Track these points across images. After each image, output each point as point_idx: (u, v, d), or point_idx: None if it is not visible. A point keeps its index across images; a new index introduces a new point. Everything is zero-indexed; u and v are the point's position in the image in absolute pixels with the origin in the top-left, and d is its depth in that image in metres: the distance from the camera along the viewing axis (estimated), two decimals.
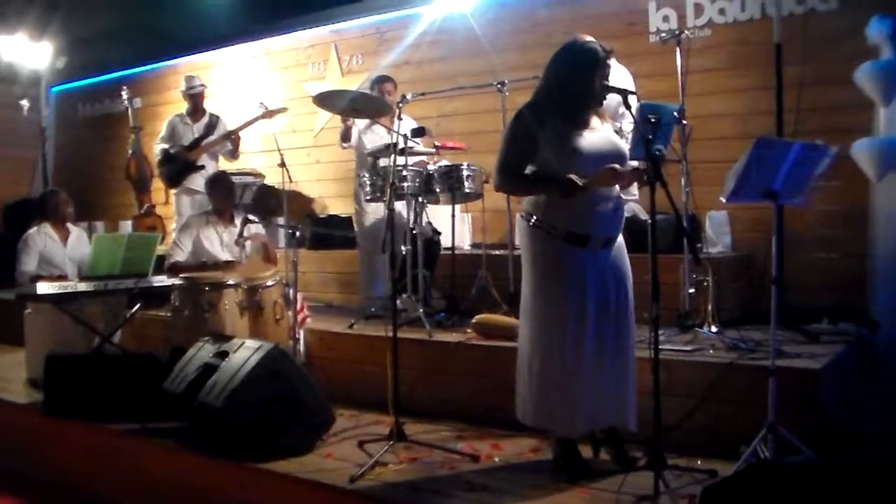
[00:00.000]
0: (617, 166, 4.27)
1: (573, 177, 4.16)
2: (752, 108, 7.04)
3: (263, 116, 8.24)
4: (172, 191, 9.14)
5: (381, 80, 7.72)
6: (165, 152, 8.82)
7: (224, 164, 9.08)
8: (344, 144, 7.79)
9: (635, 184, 5.27)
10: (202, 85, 9.11)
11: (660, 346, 4.18)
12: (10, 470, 6.15)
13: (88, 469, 5.75)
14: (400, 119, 5.97)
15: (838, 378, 5.13)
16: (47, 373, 6.10)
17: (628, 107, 4.30)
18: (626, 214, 4.65)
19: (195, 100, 9.03)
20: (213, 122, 8.90)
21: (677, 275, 5.93)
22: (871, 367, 5.80)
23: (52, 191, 8.56)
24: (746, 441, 4.37)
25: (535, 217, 4.45)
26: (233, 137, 8.73)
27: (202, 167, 8.68)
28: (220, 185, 7.42)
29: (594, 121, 4.46)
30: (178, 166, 8.73)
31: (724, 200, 4.53)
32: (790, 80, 6.53)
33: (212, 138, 8.79)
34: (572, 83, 4.41)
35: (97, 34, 12.56)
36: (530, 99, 4.57)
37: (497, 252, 7.34)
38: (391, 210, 5.48)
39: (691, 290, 5.89)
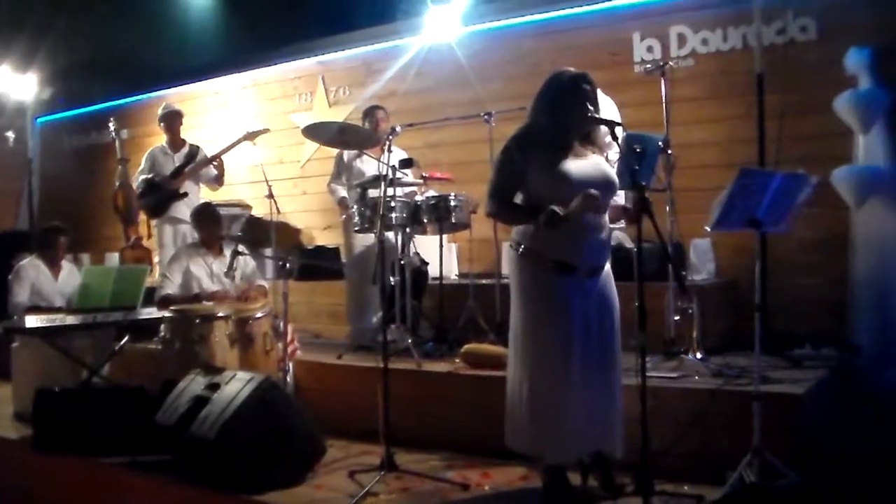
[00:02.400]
0: (594, 191, 4.31)
1: (555, 208, 4.21)
2: (734, 136, 7.12)
3: (245, 139, 8.26)
4: (153, 222, 9.09)
5: (373, 109, 7.80)
6: (148, 182, 8.73)
7: (207, 194, 9.08)
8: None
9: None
10: (175, 110, 9.10)
11: (646, 374, 4.23)
12: None
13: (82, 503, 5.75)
14: (390, 151, 6.02)
15: (821, 402, 5.19)
16: (36, 407, 6.06)
17: (615, 138, 4.35)
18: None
19: (170, 123, 8.97)
20: (194, 152, 8.84)
21: (662, 302, 5.97)
22: (852, 391, 5.85)
23: (54, 227, 8.44)
24: (732, 466, 4.43)
25: (523, 246, 4.50)
26: (216, 163, 8.71)
27: (185, 195, 8.62)
28: (207, 216, 7.40)
29: (584, 149, 4.51)
30: (161, 196, 8.66)
31: (709, 230, 4.60)
32: (772, 109, 6.65)
33: (193, 165, 8.74)
34: (559, 112, 4.47)
35: (83, 65, 12.61)
36: (519, 128, 4.63)
37: (484, 281, 7.37)
38: (381, 241, 5.52)
39: (676, 318, 5.95)
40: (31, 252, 8.33)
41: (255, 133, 8.28)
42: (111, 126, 11.04)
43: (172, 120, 8.98)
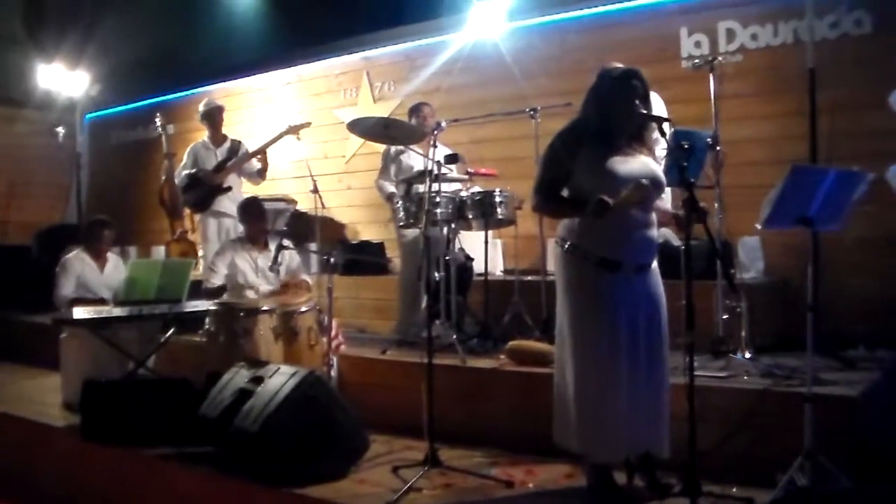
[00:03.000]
0: (645, 181, 4.27)
1: (604, 196, 4.17)
2: (784, 133, 7.01)
3: (288, 132, 8.29)
4: (197, 216, 9.14)
5: (419, 106, 7.79)
6: (191, 176, 8.78)
7: (251, 189, 9.13)
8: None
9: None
10: (217, 105, 9.13)
11: (694, 373, 4.17)
12: (49, 492, 6.22)
13: (125, 493, 5.79)
14: (435, 146, 6.00)
15: (875, 405, 5.08)
16: (84, 397, 6.12)
17: (663, 134, 4.30)
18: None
19: (213, 118, 9.01)
20: (236, 147, 8.89)
21: (710, 301, 5.90)
22: None
23: (99, 220, 8.54)
24: (782, 468, 4.35)
25: (569, 242, 4.46)
26: (259, 157, 8.73)
27: (229, 188, 8.67)
28: (253, 210, 7.46)
29: (632, 148, 4.46)
30: (204, 190, 8.71)
31: (759, 228, 4.53)
32: (823, 106, 6.53)
33: (236, 159, 8.78)
34: (607, 109, 4.43)
35: (131, 62, 12.72)
36: (568, 123, 4.59)
37: (529, 278, 7.34)
38: (427, 237, 5.49)
39: (725, 316, 5.88)
40: (79, 245, 8.40)
41: (298, 127, 8.30)
42: (158, 121, 11.11)
43: (214, 115, 9.02)
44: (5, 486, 6.46)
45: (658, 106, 6.33)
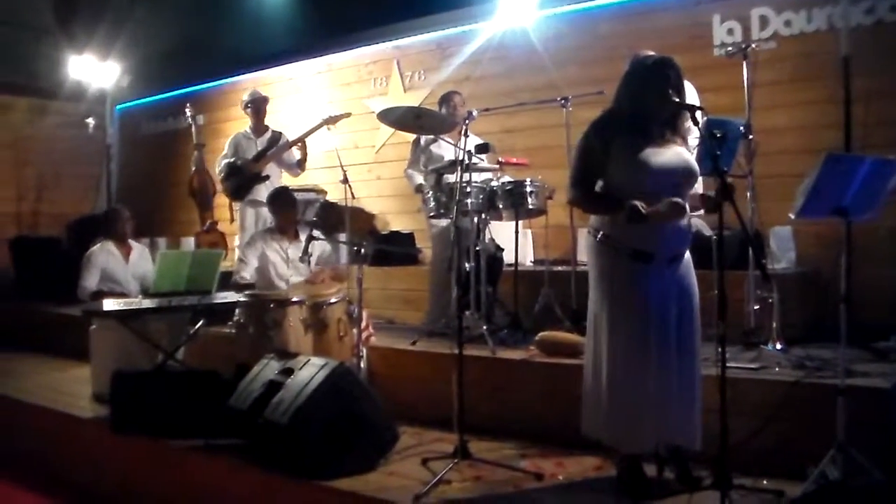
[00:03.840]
0: (680, 200, 4.24)
1: (638, 204, 4.13)
2: (818, 121, 6.95)
3: (326, 122, 8.31)
4: (237, 205, 9.16)
5: (450, 95, 7.77)
6: (231, 165, 8.81)
7: (287, 180, 9.13)
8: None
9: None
10: (263, 96, 9.12)
11: (725, 364, 4.13)
12: (79, 483, 6.27)
13: (154, 484, 5.83)
14: (466, 136, 5.97)
15: None
16: (114, 389, 6.13)
17: (696, 122, 4.26)
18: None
19: (257, 110, 9.03)
20: (276, 137, 8.93)
21: (741, 291, 5.86)
22: None
23: (114, 209, 8.66)
24: (813, 461, 4.31)
25: (601, 233, 4.43)
26: (298, 146, 8.74)
27: (267, 177, 8.69)
28: (283, 200, 7.47)
29: (665, 137, 4.41)
30: (243, 178, 8.74)
31: (793, 217, 4.47)
32: (858, 93, 6.48)
33: (276, 149, 8.80)
34: (640, 98, 4.39)
35: (161, 53, 12.80)
36: (601, 113, 4.55)
37: (560, 268, 7.30)
38: (457, 227, 5.46)
39: (756, 307, 5.83)
40: (104, 237, 8.47)
41: (336, 118, 8.34)
42: (187, 112, 11.17)
43: (259, 105, 9.05)
44: (35, 477, 6.53)
45: (691, 94, 6.27)
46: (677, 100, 4.37)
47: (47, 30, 13.25)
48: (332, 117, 8.31)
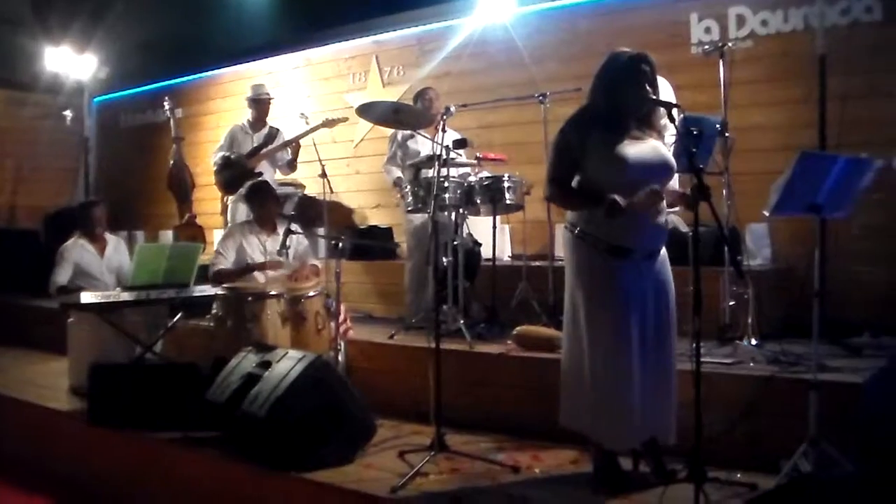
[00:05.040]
0: (657, 187, 4.28)
1: (617, 198, 4.16)
2: (794, 120, 7.00)
3: (325, 125, 8.28)
4: (230, 199, 9.11)
5: (424, 91, 7.82)
6: (225, 158, 8.74)
7: (280, 177, 9.15)
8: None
9: None
10: (269, 95, 9.09)
11: (700, 359, 4.17)
12: (57, 476, 6.26)
13: (132, 477, 5.83)
14: (444, 131, 5.99)
15: (880, 392, 5.08)
16: (91, 382, 6.13)
17: (672, 120, 4.29)
18: None
19: (260, 108, 8.93)
20: (273, 134, 8.83)
21: (717, 287, 5.90)
22: None
23: (87, 202, 8.63)
24: (786, 455, 4.36)
25: (578, 228, 4.45)
26: (291, 147, 8.71)
27: (259, 174, 8.65)
28: (261, 193, 7.47)
29: (641, 132, 4.45)
30: (235, 172, 8.67)
31: (767, 214, 4.52)
32: (833, 92, 6.53)
33: (271, 147, 8.75)
34: (616, 94, 4.41)
35: (139, 45, 12.74)
36: (577, 109, 4.58)
37: (537, 263, 7.34)
38: (435, 222, 5.49)
39: (731, 303, 5.88)
40: (77, 231, 8.43)
41: (335, 121, 8.33)
42: (166, 105, 11.14)
43: (263, 105, 8.93)
44: (14, 470, 6.51)
45: (667, 91, 6.33)
46: (654, 96, 4.41)
47: (23, 22, 13.17)
48: (329, 120, 8.29)
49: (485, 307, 7.12)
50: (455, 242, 6.72)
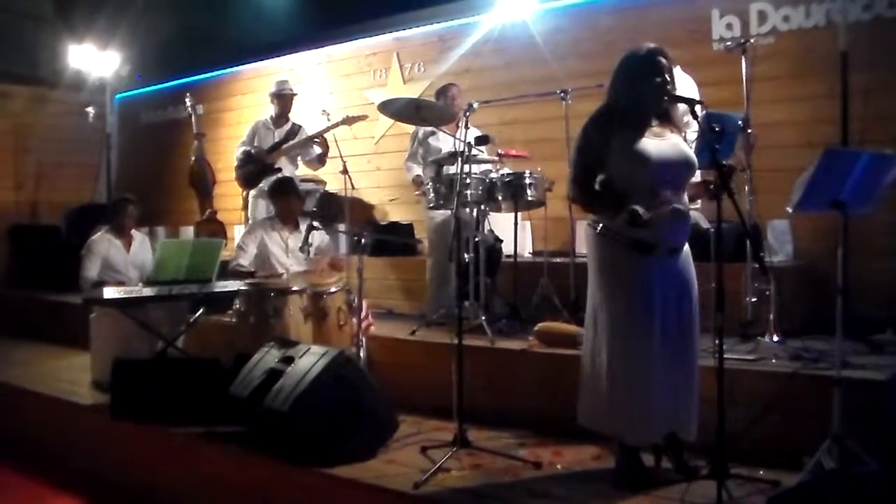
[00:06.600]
0: (681, 208, 4.30)
1: (638, 208, 4.16)
2: (816, 116, 6.97)
3: (344, 122, 8.28)
4: (251, 194, 9.13)
5: (446, 87, 7.81)
6: (247, 153, 8.78)
7: (302, 171, 9.17)
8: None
9: None
10: (292, 90, 9.10)
11: (723, 356, 4.16)
12: (80, 470, 6.31)
13: (154, 471, 5.86)
14: (466, 128, 5.99)
15: None
16: (114, 376, 6.16)
17: (695, 116, 4.29)
18: None
19: (283, 103, 8.94)
20: (295, 130, 8.83)
21: (739, 283, 5.89)
22: None
23: (122, 199, 8.67)
24: (810, 452, 4.34)
25: (601, 224, 4.45)
26: (318, 141, 8.60)
27: (279, 170, 8.63)
28: (283, 189, 7.48)
29: (662, 129, 4.45)
30: (256, 168, 8.71)
31: (790, 211, 4.51)
32: (856, 88, 6.50)
33: (291, 143, 8.76)
34: (635, 88, 4.41)
35: (161, 42, 12.79)
36: (597, 109, 4.57)
37: (558, 260, 7.34)
38: (458, 218, 5.49)
39: (753, 299, 5.87)
40: (106, 225, 8.50)
41: (354, 118, 8.33)
42: (187, 101, 11.16)
43: (286, 100, 8.95)
44: (36, 463, 6.56)
45: (691, 87, 6.33)
46: (673, 91, 4.41)
47: (46, 19, 13.25)
48: (349, 118, 8.29)
49: (506, 303, 7.13)
50: (476, 239, 6.72)
